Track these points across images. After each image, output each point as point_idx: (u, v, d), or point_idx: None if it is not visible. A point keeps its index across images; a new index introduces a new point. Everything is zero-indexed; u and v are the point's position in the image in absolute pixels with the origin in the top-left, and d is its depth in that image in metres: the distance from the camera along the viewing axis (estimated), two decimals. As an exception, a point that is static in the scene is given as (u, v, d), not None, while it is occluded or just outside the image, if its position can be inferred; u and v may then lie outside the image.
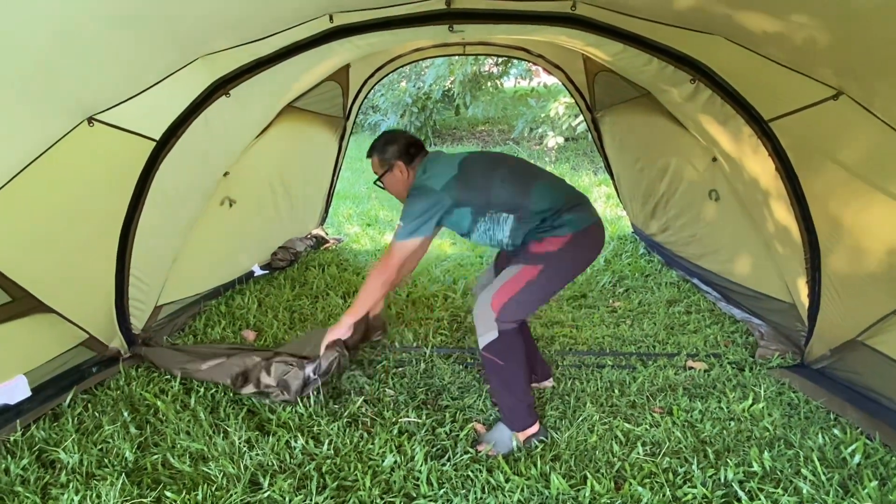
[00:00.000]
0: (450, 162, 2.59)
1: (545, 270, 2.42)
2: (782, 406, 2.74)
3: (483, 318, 2.42)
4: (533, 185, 2.52)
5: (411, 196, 2.54)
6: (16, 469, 2.36)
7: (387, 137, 2.71)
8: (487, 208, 2.50)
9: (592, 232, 2.53)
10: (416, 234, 2.49)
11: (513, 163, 2.68)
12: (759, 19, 2.19)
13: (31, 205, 2.56)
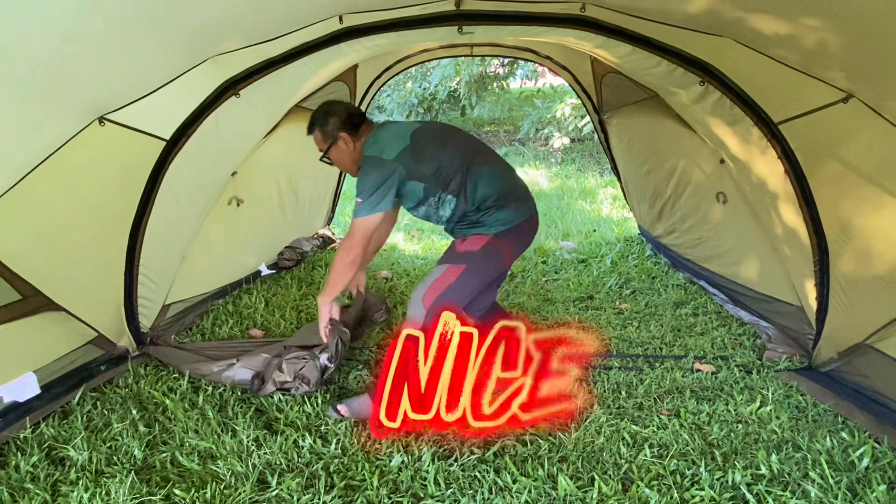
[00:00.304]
0: (401, 132, 2.56)
1: (468, 269, 2.56)
2: (790, 409, 2.74)
3: (414, 310, 2.57)
4: (479, 168, 2.56)
5: (364, 169, 2.51)
6: (26, 466, 2.37)
7: (326, 109, 2.64)
8: (437, 186, 2.53)
9: (519, 228, 2.63)
10: (377, 209, 2.47)
11: (465, 139, 2.72)
12: (769, 22, 2.19)
13: (42, 203, 2.58)
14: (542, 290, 4.40)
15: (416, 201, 2.59)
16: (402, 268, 4.94)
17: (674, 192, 4.40)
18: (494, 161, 2.70)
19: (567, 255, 5.20)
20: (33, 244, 2.67)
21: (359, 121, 2.64)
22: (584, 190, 7.80)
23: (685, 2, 2.35)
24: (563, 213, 6.78)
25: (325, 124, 2.62)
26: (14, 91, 2.09)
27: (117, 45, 2.18)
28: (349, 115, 2.62)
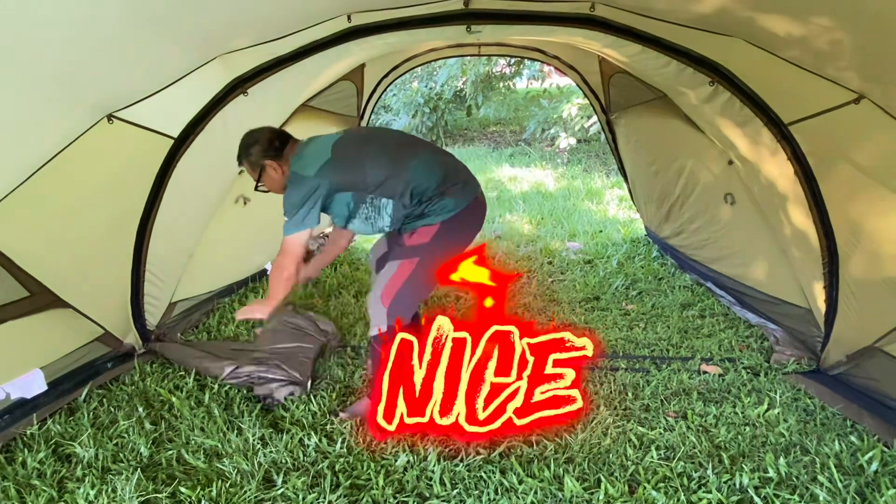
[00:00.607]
0: (322, 146, 2.54)
1: (421, 261, 2.53)
2: (798, 412, 2.72)
3: (375, 312, 2.54)
4: (408, 163, 2.53)
5: (288, 187, 2.50)
6: (32, 462, 2.38)
7: (247, 140, 2.62)
8: (366, 192, 2.51)
9: (465, 213, 2.58)
10: (303, 226, 2.47)
11: (386, 138, 2.70)
12: (781, 21, 2.18)
13: (51, 200, 2.58)
14: (548, 290, 4.39)
15: (348, 213, 2.57)
16: (408, 267, 4.93)
17: (682, 193, 4.38)
18: (425, 152, 2.64)
19: (573, 256, 5.19)
20: (41, 241, 2.68)
21: (282, 143, 2.61)
22: (590, 191, 7.78)
23: (695, 1, 2.33)
24: (569, 213, 6.76)
25: (249, 155, 2.60)
26: (23, 89, 2.09)
27: (126, 43, 2.18)
28: (270, 140, 2.59)
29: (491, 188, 8.21)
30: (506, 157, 10.20)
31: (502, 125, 12.61)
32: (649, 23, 2.68)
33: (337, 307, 4.01)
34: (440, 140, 11.53)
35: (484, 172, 9.10)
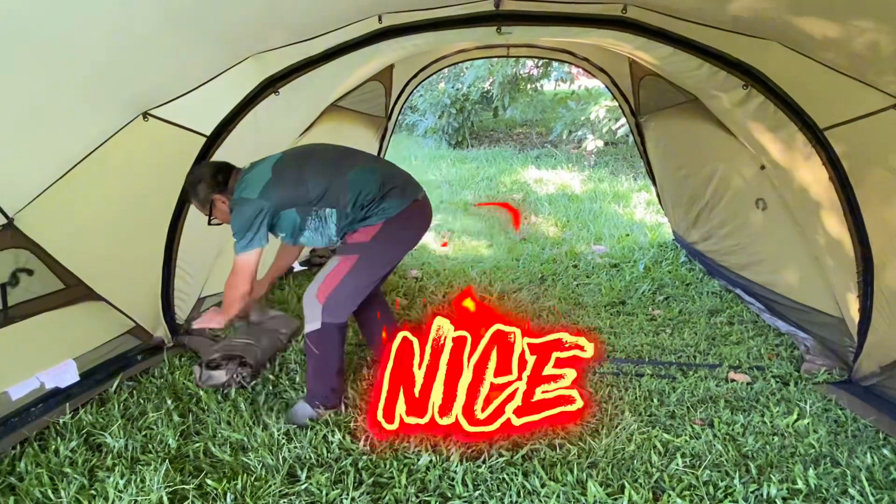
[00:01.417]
0: (263, 168, 2.56)
1: (361, 260, 2.55)
2: (828, 423, 2.66)
3: (310, 309, 2.57)
4: (347, 172, 2.55)
5: (233, 211, 2.52)
6: (65, 451, 2.44)
7: (191, 179, 2.63)
8: (310, 206, 2.52)
9: (408, 214, 2.60)
10: (251, 246, 2.49)
11: (324, 152, 2.69)
12: (818, 24, 2.14)
13: (87, 196, 2.66)
14: (572, 293, 4.36)
15: (296, 227, 2.59)
16: (433, 268, 4.94)
17: (711, 197, 4.31)
18: (364, 161, 2.68)
19: (599, 259, 5.15)
20: (77, 235, 2.75)
21: (224, 176, 2.62)
22: (616, 194, 7.71)
23: (729, 3, 2.30)
24: (595, 216, 6.71)
25: (196, 193, 2.61)
26: (63, 87, 2.16)
27: (163, 43, 2.23)
28: (213, 175, 2.60)
29: (516, 190, 8.19)
30: (532, 158, 10.16)
31: (528, 127, 12.57)
32: (682, 25, 2.66)
33: (362, 306, 4.04)
34: (466, 141, 11.54)
35: (509, 174, 9.09)
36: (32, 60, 1.95)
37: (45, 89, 2.12)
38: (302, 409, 2.69)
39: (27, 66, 1.96)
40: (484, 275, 4.76)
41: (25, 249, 2.59)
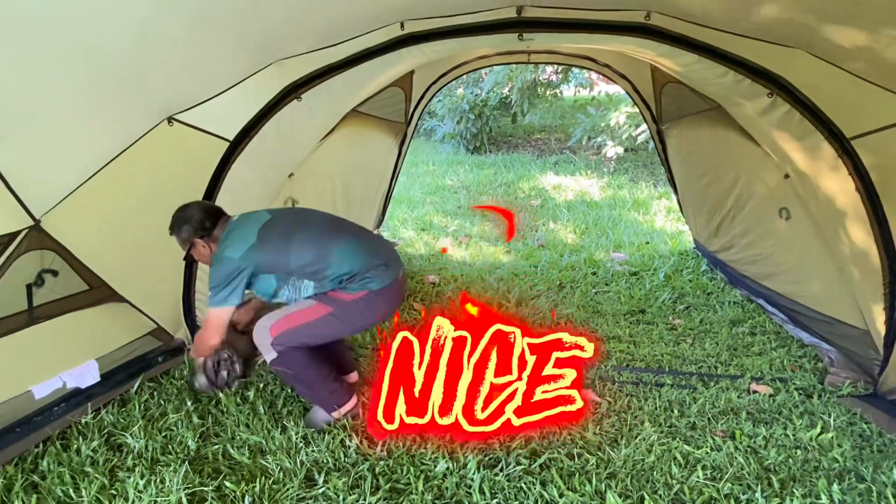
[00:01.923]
0: (250, 229, 2.58)
1: (333, 315, 2.55)
2: (853, 437, 2.61)
3: (260, 341, 2.57)
4: (333, 248, 2.58)
5: (213, 266, 2.56)
6: (86, 450, 2.48)
7: (180, 216, 2.64)
8: (289, 276, 2.56)
9: (389, 292, 2.63)
10: (226, 304, 2.52)
11: (313, 223, 2.71)
12: (846, 33, 2.11)
13: (111, 199, 2.70)
14: (591, 301, 4.34)
15: (273, 290, 2.63)
16: (450, 273, 4.94)
17: (733, 206, 4.27)
18: (350, 236, 2.69)
19: (618, 267, 5.10)
20: (101, 237, 2.79)
21: (212, 222, 2.64)
22: (636, 201, 7.65)
23: (754, 11, 2.28)
24: (614, 223, 6.67)
25: (180, 231, 2.64)
26: (92, 92, 2.20)
27: (189, 49, 2.26)
28: (201, 220, 2.62)
29: (534, 196, 8.16)
30: (550, 164, 10.13)
31: (547, 132, 12.53)
32: (706, 32, 2.63)
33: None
34: (484, 146, 11.53)
35: (528, 180, 9.06)
36: (62, 65, 1.99)
37: (74, 94, 2.17)
38: (318, 414, 2.70)
39: (57, 70, 2.00)
40: (501, 281, 4.75)
41: (51, 251, 2.63)
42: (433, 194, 8.43)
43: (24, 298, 2.58)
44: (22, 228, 2.45)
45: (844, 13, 2.03)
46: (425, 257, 5.51)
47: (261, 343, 2.56)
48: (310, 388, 2.65)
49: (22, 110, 2.06)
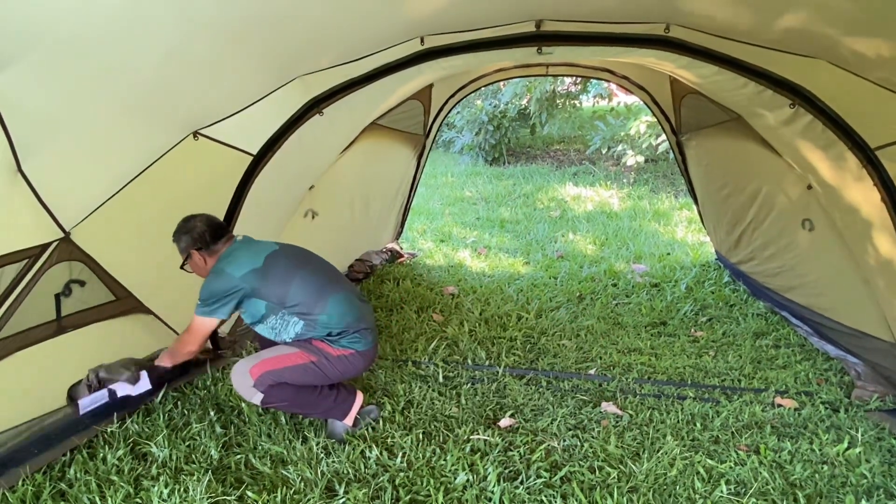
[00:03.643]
0: (257, 252, 2.61)
1: (317, 363, 2.56)
2: (882, 452, 2.56)
3: (243, 388, 2.54)
4: (330, 296, 2.60)
5: (210, 276, 2.59)
6: (112, 459, 2.51)
7: (182, 226, 2.66)
8: (281, 307, 2.58)
9: (369, 355, 2.71)
10: (212, 315, 2.56)
11: (317, 267, 2.75)
12: (869, 42, 2.10)
13: (138, 212, 2.76)
14: (611, 313, 4.31)
15: (259, 317, 2.63)
16: (469, 284, 4.95)
17: (755, 217, 4.22)
18: (349, 290, 2.76)
19: (639, 279, 5.07)
20: (128, 250, 2.85)
21: (214, 236, 2.66)
22: (657, 212, 7.60)
23: (775, 22, 2.27)
24: (634, 234, 6.63)
25: (179, 241, 2.66)
26: (121, 108, 2.26)
27: (215, 66, 2.32)
28: (202, 233, 2.63)
29: (554, 207, 8.15)
30: (569, 175, 10.11)
31: (566, 143, 12.51)
32: (726, 44, 2.63)
33: (399, 322, 4.07)
34: (503, 157, 11.54)
35: (547, 191, 9.05)
36: (92, 82, 2.05)
37: (103, 109, 2.23)
38: (336, 424, 2.72)
39: (86, 86, 2.06)
40: (521, 292, 4.74)
41: (80, 262, 2.69)
42: (452, 205, 8.45)
43: (52, 308, 2.64)
44: (52, 240, 2.51)
45: (867, 23, 2.02)
46: (444, 268, 5.52)
47: (242, 386, 2.55)
48: (312, 407, 2.66)
49: (53, 126, 2.13)
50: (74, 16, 1.71)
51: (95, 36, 1.84)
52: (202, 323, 2.61)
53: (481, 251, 6.15)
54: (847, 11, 1.97)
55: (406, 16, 2.52)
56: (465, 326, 3.97)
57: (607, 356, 3.56)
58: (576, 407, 2.96)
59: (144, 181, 2.68)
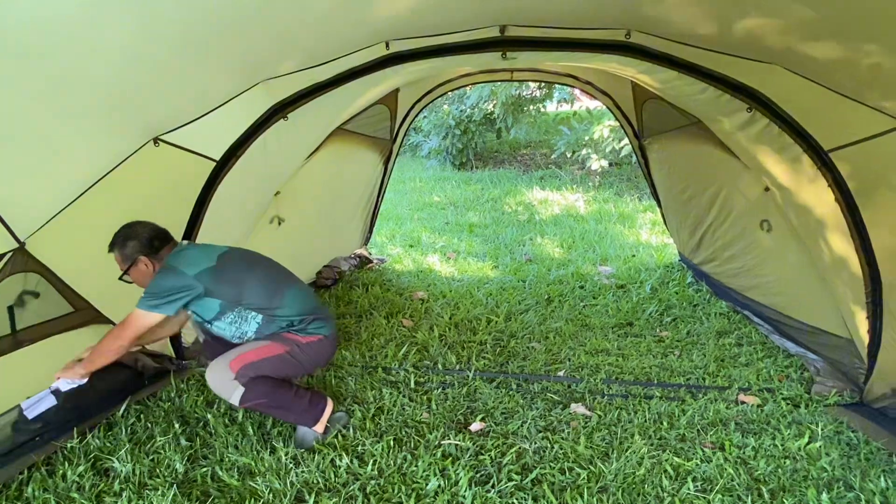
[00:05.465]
0: (209, 253, 2.58)
1: (290, 352, 2.57)
2: (841, 446, 2.63)
3: (223, 384, 2.49)
4: (286, 290, 2.65)
5: (160, 274, 2.50)
6: (72, 475, 2.43)
7: (126, 232, 2.56)
8: (237, 304, 2.56)
9: (333, 342, 2.75)
10: (158, 311, 2.44)
11: (269, 265, 2.77)
12: (821, 47, 2.17)
13: (97, 220, 2.68)
14: (579, 315, 4.36)
15: (214, 315, 2.58)
16: (439, 289, 4.94)
17: (715, 219, 4.32)
18: (302, 285, 2.80)
19: (605, 281, 5.14)
20: (87, 259, 2.77)
21: (160, 243, 2.59)
22: (622, 214, 7.72)
23: (732, 28, 2.33)
24: (600, 237, 6.72)
25: (123, 247, 2.54)
26: (78, 113, 2.20)
27: (177, 70, 2.27)
28: (150, 239, 2.55)
29: (522, 211, 8.21)
30: (536, 179, 10.21)
31: (532, 148, 12.63)
32: (685, 49, 2.69)
33: (368, 328, 4.04)
34: (470, 162, 11.60)
35: (514, 195, 9.12)
36: (47, 87, 1.98)
37: (59, 115, 2.16)
38: (305, 433, 2.68)
39: (41, 92, 1.99)
40: (490, 296, 4.76)
41: (36, 273, 2.61)
42: (420, 211, 8.45)
43: (6, 322, 2.55)
44: (6, 251, 2.42)
45: (822, 28, 2.08)
46: (413, 273, 5.51)
47: (222, 382, 2.48)
48: (287, 409, 2.62)
49: (6, 132, 2.05)
50: (29, 21, 1.65)
51: (51, 41, 1.78)
52: (143, 317, 2.45)
53: (450, 256, 6.16)
54: (803, 17, 2.03)
55: (371, 20, 2.51)
56: (435, 331, 3.96)
57: (576, 357, 3.59)
58: (546, 409, 2.98)
59: (103, 188, 2.61)
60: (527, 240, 6.73)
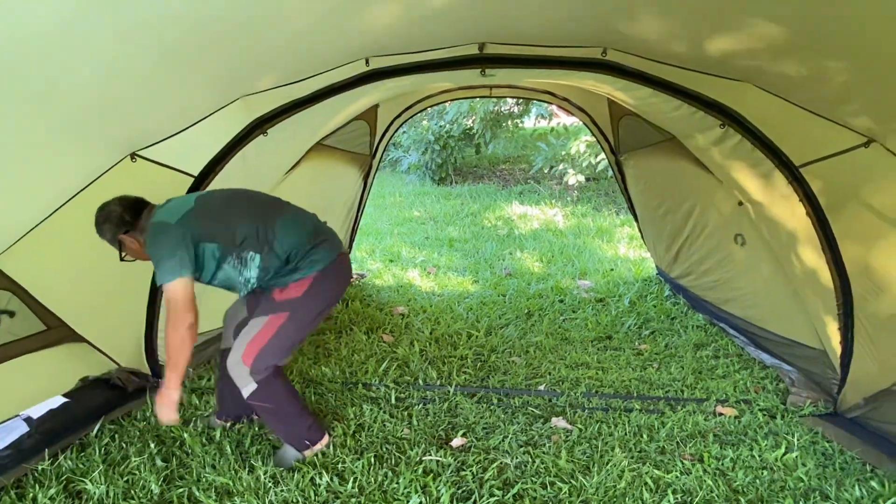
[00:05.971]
0: (185, 199, 2.51)
1: (291, 317, 2.50)
2: (816, 456, 2.68)
3: (238, 375, 2.49)
4: (277, 218, 2.53)
5: (150, 241, 2.38)
6: (43, 498, 2.37)
7: (99, 217, 2.47)
8: (233, 245, 2.44)
9: (334, 269, 2.58)
10: (177, 274, 2.30)
11: (252, 195, 2.68)
12: (792, 65, 2.23)
13: (72, 236, 2.65)
14: (559, 329, 4.38)
15: (216, 265, 2.46)
16: (419, 304, 4.94)
17: (691, 233, 4.40)
18: (291, 210, 2.66)
19: (584, 294, 5.18)
20: (60, 276, 2.73)
21: (133, 214, 2.47)
22: (600, 229, 7.80)
23: (705, 47, 2.39)
24: (579, 251, 6.78)
25: (103, 233, 2.48)
26: (54, 128, 2.17)
27: (155, 85, 2.26)
28: (120, 215, 2.45)
29: (501, 225, 8.26)
30: (515, 194, 10.28)
31: (511, 163, 12.73)
32: (660, 67, 2.74)
33: (348, 343, 4.01)
34: (450, 177, 11.65)
35: (493, 210, 9.17)
36: (22, 102, 1.95)
37: (34, 130, 2.13)
38: (288, 452, 2.65)
39: (15, 107, 1.96)
40: (471, 310, 4.76)
41: (8, 291, 2.56)
42: (400, 225, 8.44)
43: (-23, 341, 2.50)
44: (-23, 269, 2.38)
45: (790, 48, 2.15)
46: (394, 288, 5.50)
47: (239, 376, 2.47)
48: (287, 423, 2.58)
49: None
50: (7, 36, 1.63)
51: (28, 58, 1.76)
52: (176, 287, 2.30)
53: (430, 270, 6.15)
54: (773, 36, 2.09)
55: (351, 37, 2.52)
56: (415, 346, 3.95)
57: (556, 371, 3.60)
58: (527, 423, 2.98)
59: (78, 205, 2.57)
60: (506, 254, 6.76)
